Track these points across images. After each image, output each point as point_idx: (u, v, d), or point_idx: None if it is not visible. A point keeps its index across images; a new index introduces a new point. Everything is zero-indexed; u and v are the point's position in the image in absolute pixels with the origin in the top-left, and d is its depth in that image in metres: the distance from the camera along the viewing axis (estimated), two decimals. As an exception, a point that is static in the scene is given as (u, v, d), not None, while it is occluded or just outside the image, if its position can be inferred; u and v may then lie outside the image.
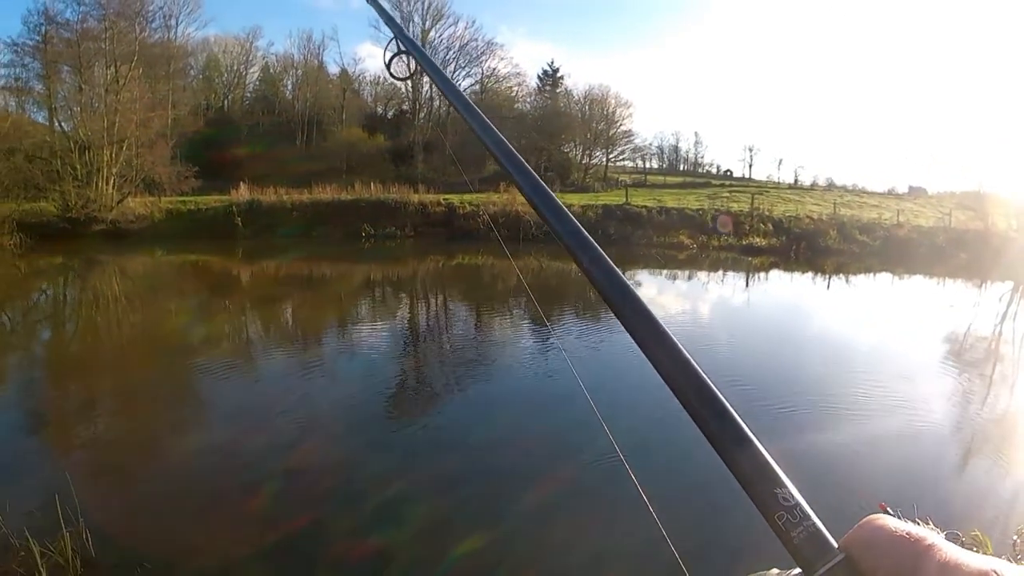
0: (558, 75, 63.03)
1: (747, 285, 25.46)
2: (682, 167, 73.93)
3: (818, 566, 0.52)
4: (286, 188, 36.63)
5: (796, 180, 65.51)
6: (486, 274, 25.42)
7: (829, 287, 25.60)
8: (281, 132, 56.10)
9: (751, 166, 72.51)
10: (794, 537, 0.54)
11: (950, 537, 0.50)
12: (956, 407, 10.66)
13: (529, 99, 63.63)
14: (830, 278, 27.11)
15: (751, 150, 74.78)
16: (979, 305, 21.84)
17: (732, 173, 71.70)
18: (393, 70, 1.71)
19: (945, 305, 21.91)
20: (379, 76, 59.92)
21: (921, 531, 0.49)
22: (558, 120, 58.58)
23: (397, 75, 1.75)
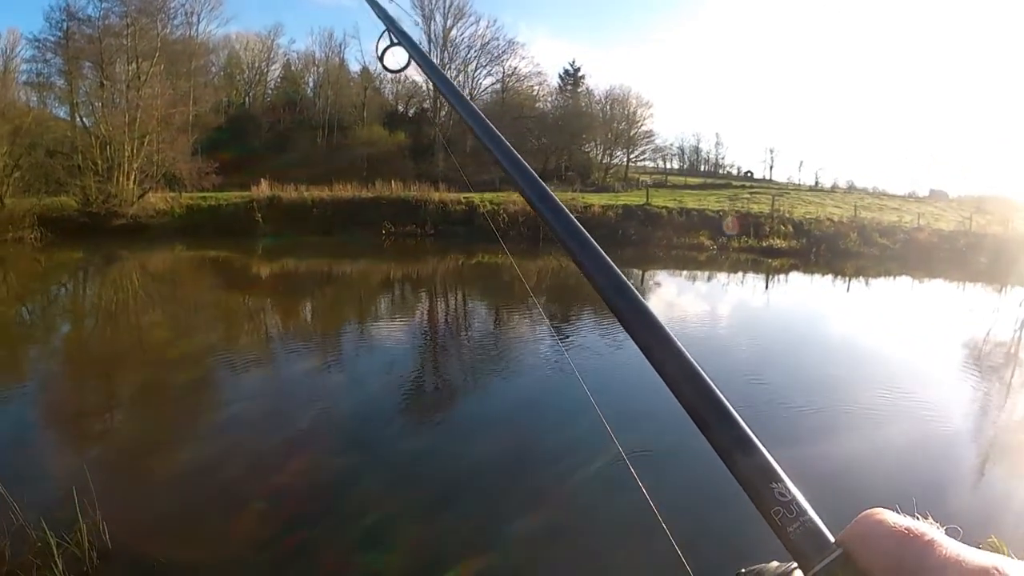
0: (579, 75, 62.85)
1: (767, 287, 25.20)
2: (703, 168, 73.56)
3: (815, 562, 0.51)
4: (307, 185, 36.56)
5: (817, 182, 65.02)
6: (506, 273, 25.11)
7: (849, 290, 25.27)
8: (302, 129, 56.08)
9: (772, 167, 72.03)
10: (790, 533, 0.53)
11: (950, 533, 0.48)
12: (974, 412, 10.46)
13: (550, 98, 63.49)
14: (850, 281, 26.82)
15: (772, 151, 74.49)
16: (998, 310, 21.46)
17: (752, 174, 71.19)
18: (386, 62, 1.63)
19: (964, 309, 21.65)
20: (401, 75, 59.63)
21: (921, 526, 0.48)
22: (579, 120, 58.45)
23: (390, 67, 1.66)
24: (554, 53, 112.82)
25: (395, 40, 1.60)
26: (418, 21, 58.81)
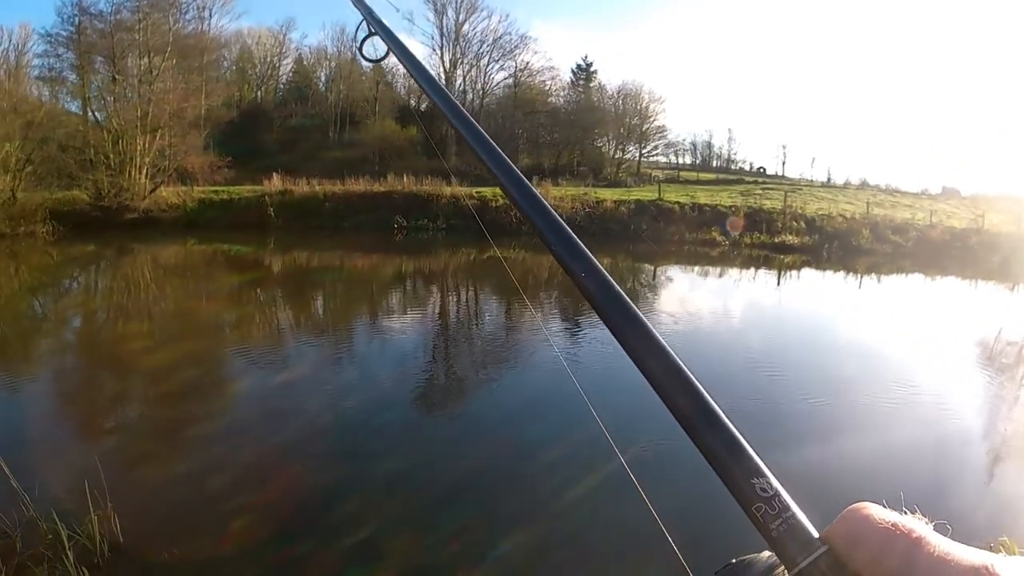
0: (591, 69, 62.53)
1: (779, 284, 24.98)
2: (715, 163, 73.02)
3: (799, 560, 0.49)
4: (319, 179, 36.47)
5: (829, 178, 64.41)
6: (517, 268, 24.94)
7: (861, 287, 24.97)
8: (314, 124, 56.13)
9: (784, 163, 71.49)
10: (773, 530, 0.52)
11: (939, 529, 0.47)
12: (985, 412, 10.30)
13: (562, 93, 63.25)
14: (862, 278, 26.51)
15: (784, 147, 74.04)
16: (1011, 310, 21.11)
17: (765, 170, 70.50)
18: (365, 52, 1.63)
19: (977, 308, 21.40)
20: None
21: (909, 522, 0.47)
22: (591, 115, 58.17)
23: (369, 57, 1.68)
24: (567, 47, 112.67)
25: (373, 30, 1.57)
26: (429, 16, 58.83)
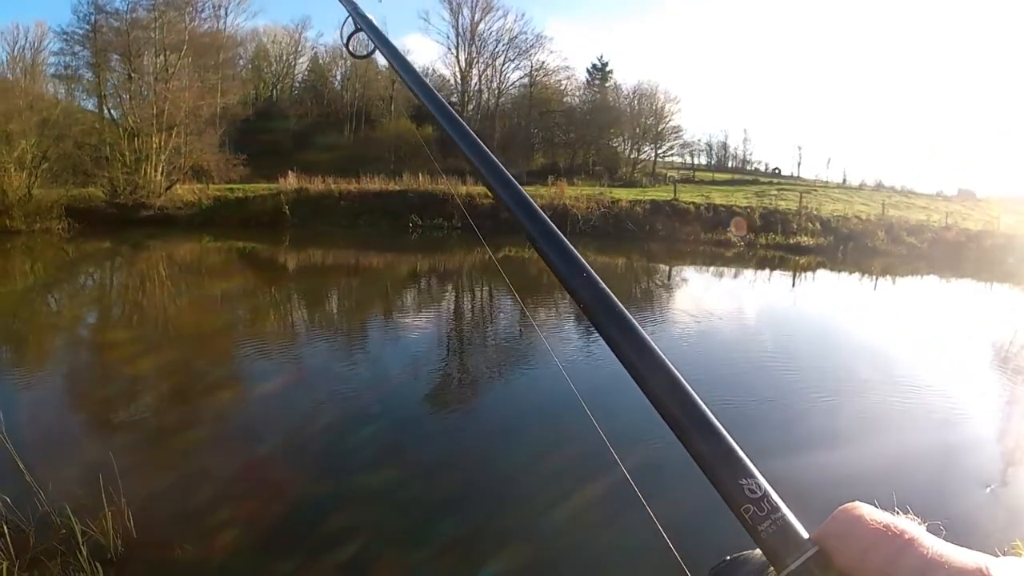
0: (607, 69, 62.31)
1: (794, 285, 24.76)
2: (730, 164, 72.63)
3: (788, 561, 0.48)
4: (334, 178, 36.44)
5: (844, 179, 63.94)
6: (532, 267, 24.73)
7: (876, 289, 24.80)
8: (329, 122, 56.25)
9: (800, 164, 70.99)
10: (762, 531, 0.51)
11: (932, 529, 0.46)
12: (998, 416, 10.14)
13: (578, 93, 63.02)
14: (877, 280, 26.35)
15: (800, 148, 73.71)
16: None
17: (780, 171, 70.09)
18: (352, 48, 1.61)
19: (992, 309, 21.14)
20: (428, 68, 59.75)
21: (902, 522, 0.46)
22: (607, 114, 58.11)
23: (356, 53, 1.66)
24: (582, 46, 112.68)
25: (359, 26, 1.54)
26: (444, 16, 58.73)
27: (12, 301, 16.99)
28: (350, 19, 1.54)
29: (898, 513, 0.45)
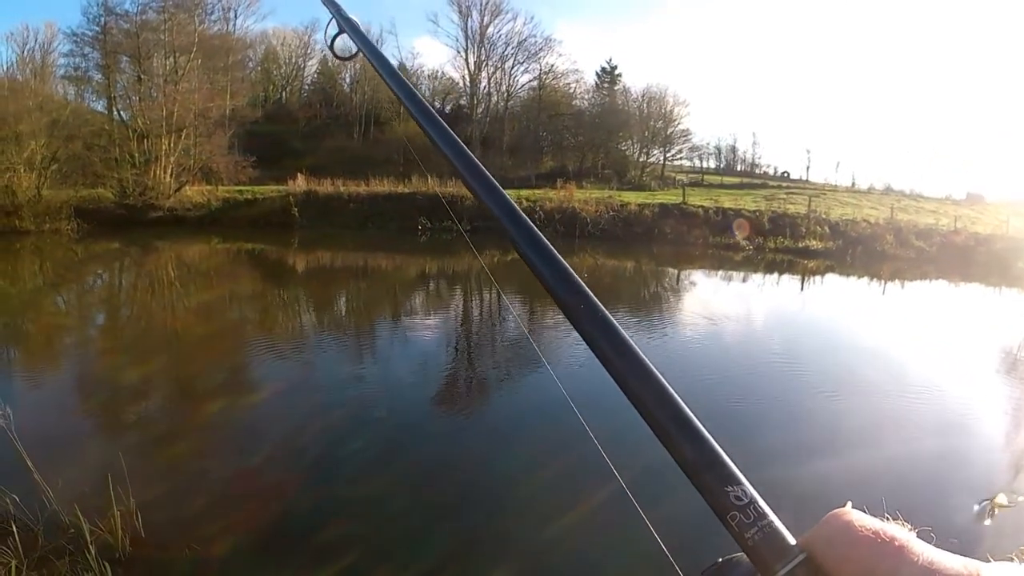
0: (616, 72, 62.29)
1: (802, 288, 24.61)
2: (739, 168, 72.44)
3: (776, 568, 0.48)
4: (343, 180, 36.51)
5: (853, 183, 63.68)
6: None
7: (885, 293, 24.64)
8: (338, 124, 56.41)
9: (808, 168, 70.81)
10: (748, 539, 0.51)
11: (922, 535, 0.45)
12: (1007, 423, 10.03)
13: (587, 96, 62.91)
14: (886, 284, 26.22)
15: (809, 152, 73.53)
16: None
17: (789, 175, 69.83)
18: (336, 50, 1.60)
19: (1001, 314, 21.00)
20: (438, 71, 59.87)
21: (892, 529, 0.45)
22: (615, 118, 57.86)
23: (340, 55, 1.65)
24: (592, 49, 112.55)
25: (342, 28, 1.55)
26: (453, 18, 58.80)
27: (22, 301, 17.11)
28: (334, 21, 1.56)
29: (888, 519, 0.44)
